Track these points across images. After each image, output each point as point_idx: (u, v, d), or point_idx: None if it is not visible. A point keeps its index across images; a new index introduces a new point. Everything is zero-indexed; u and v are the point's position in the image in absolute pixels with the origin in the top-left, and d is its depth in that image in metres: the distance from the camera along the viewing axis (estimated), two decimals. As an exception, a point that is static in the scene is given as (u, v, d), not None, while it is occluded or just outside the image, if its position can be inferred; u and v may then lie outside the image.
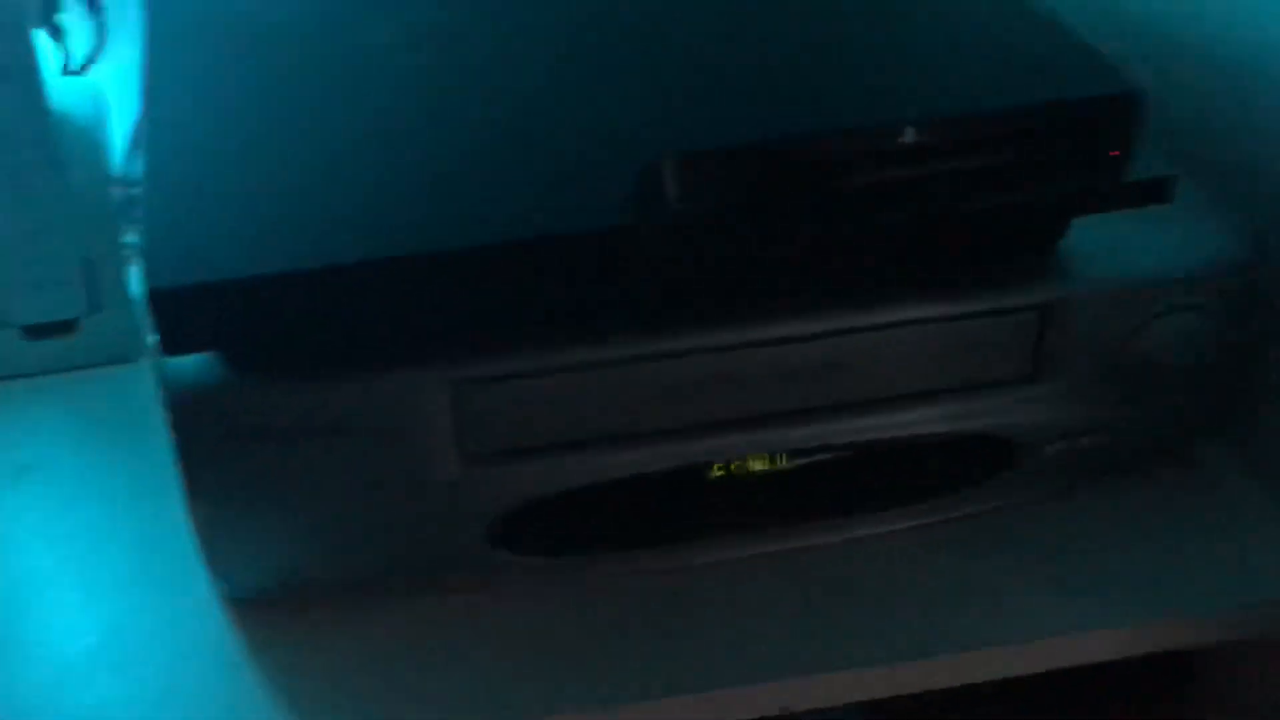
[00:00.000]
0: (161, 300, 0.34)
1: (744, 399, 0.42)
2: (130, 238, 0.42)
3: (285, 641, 0.43)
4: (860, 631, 0.43)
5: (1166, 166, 0.40)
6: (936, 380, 0.44)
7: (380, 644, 0.43)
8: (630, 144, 0.37)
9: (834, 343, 0.42)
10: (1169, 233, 0.45)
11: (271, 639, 0.43)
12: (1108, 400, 0.45)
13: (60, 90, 0.56)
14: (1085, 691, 0.56)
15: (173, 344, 0.36)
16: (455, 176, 0.37)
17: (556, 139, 0.37)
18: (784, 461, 0.45)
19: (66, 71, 0.59)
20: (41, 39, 0.55)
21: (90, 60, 0.59)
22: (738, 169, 0.37)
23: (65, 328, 0.53)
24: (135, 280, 0.36)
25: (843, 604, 0.44)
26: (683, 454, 0.42)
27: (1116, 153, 0.40)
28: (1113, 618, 0.44)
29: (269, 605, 0.44)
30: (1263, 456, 0.49)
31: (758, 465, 0.45)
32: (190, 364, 0.38)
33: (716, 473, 0.45)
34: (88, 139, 0.56)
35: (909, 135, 0.38)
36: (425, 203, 0.37)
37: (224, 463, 0.39)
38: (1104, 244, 0.44)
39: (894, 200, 0.38)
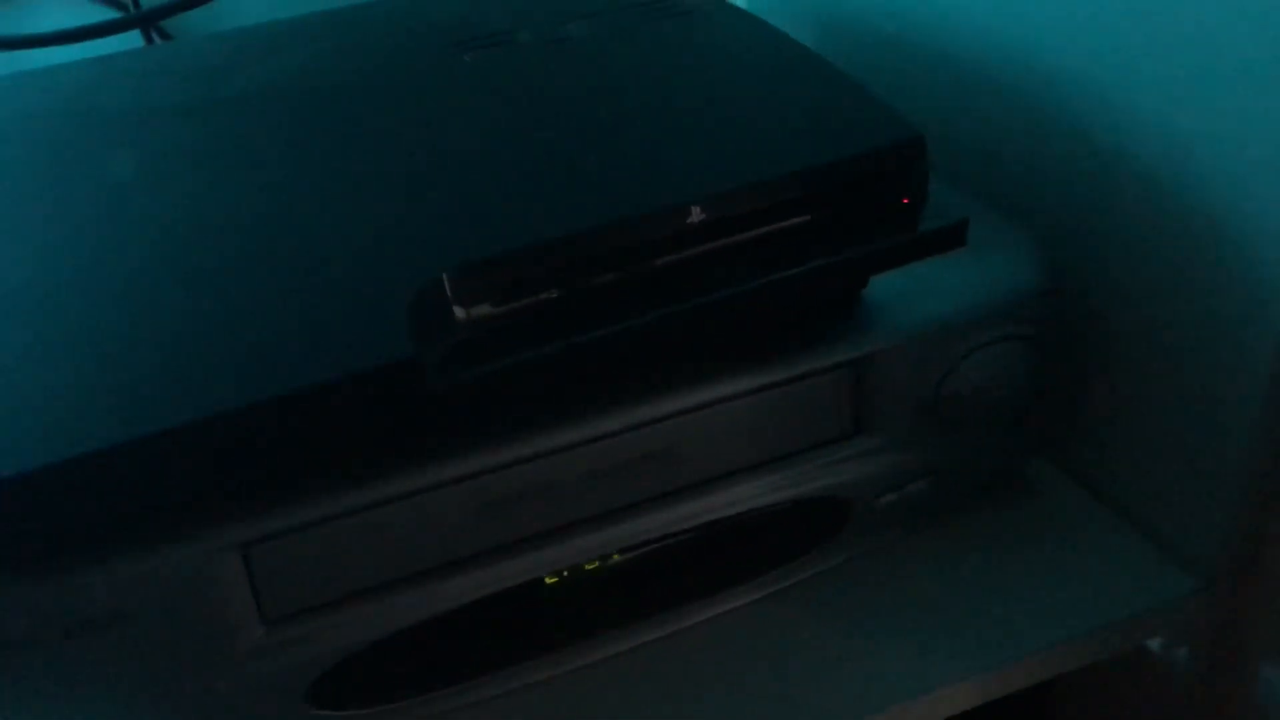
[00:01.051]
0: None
1: (562, 507, 0.40)
2: None
3: None
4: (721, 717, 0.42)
5: (958, 206, 0.39)
6: (762, 451, 0.42)
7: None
8: (400, 264, 0.34)
9: (649, 433, 0.40)
10: (969, 268, 0.44)
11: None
12: (932, 444, 0.44)
13: None
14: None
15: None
16: (208, 329, 0.33)
17: (317, 274, 0.34)
18: (619, 556, 0.43)
19: None
20: None
21: None
22: (517, 273, 0.34)
23: None
24: None
25: (697, 691, 0.42)
26: (502, 576, 0.39)
27: (906, 200, 0.39)
28: (975, 665, 0.43)
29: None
30: (1083, 462, 0.49)
31: (591, 565, 0.43)
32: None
33: (550, 580, 0.42)
34: None
35: (691, 216, 0.36)
36: (180, 362, 0.33)
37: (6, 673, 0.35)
38: (906, 288, 0.43)
39: (686, 282, 0.37)
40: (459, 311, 0.33)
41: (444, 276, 0.33)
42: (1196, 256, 0.42)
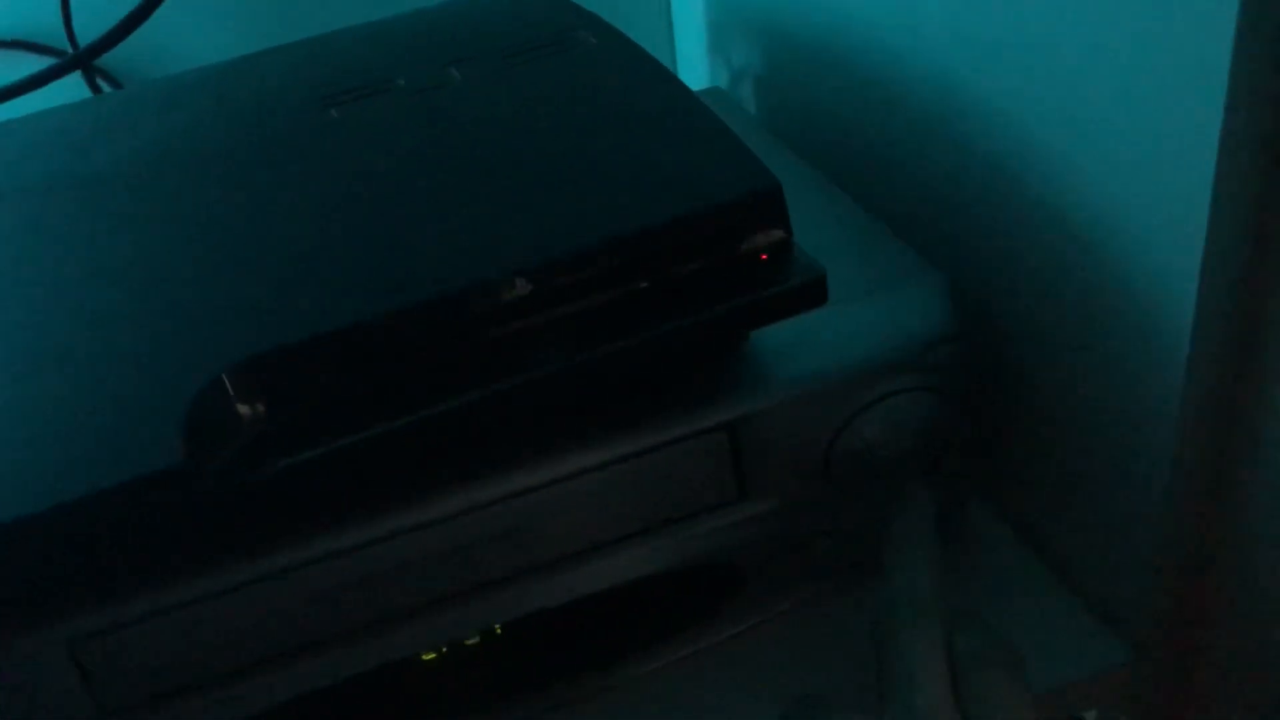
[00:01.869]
0: None
1: (395, 592, 0.38)
2: None
3: None
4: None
5: (855, 245, 0.36)
6: (636, 521, 0.40)
7: None
8: (189, 358, 0.33)
9: (508, 506, 0.38)
10: (864, 312, 0.41)
11: None
12: (829, 503, 0.42)
13: None
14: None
15: None
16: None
17: (106, 369, 0.33)
18: (498, 630, 0.41)
19: None
20: None
21: None
22: (312, 362, 0.33)
23: None
24: None
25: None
26: (347, 663, 0.38)
27: (764, 256, 0.37)
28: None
29: None
30: (1018, 512, 0.46)
31: (472, 641, 0.41)
32: None
33: (427, 657, 0.41)
34: None
35: (516, 288, 0.34)
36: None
37: None
38: (792, 339, 0.40)
39: (513, 358, 0.35)
40: (244, 409, 0.32)
41: (223, 375, 0.31)
42: (1104, 307, 0.38)
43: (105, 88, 0.66)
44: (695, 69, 0.72)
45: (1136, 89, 0.34)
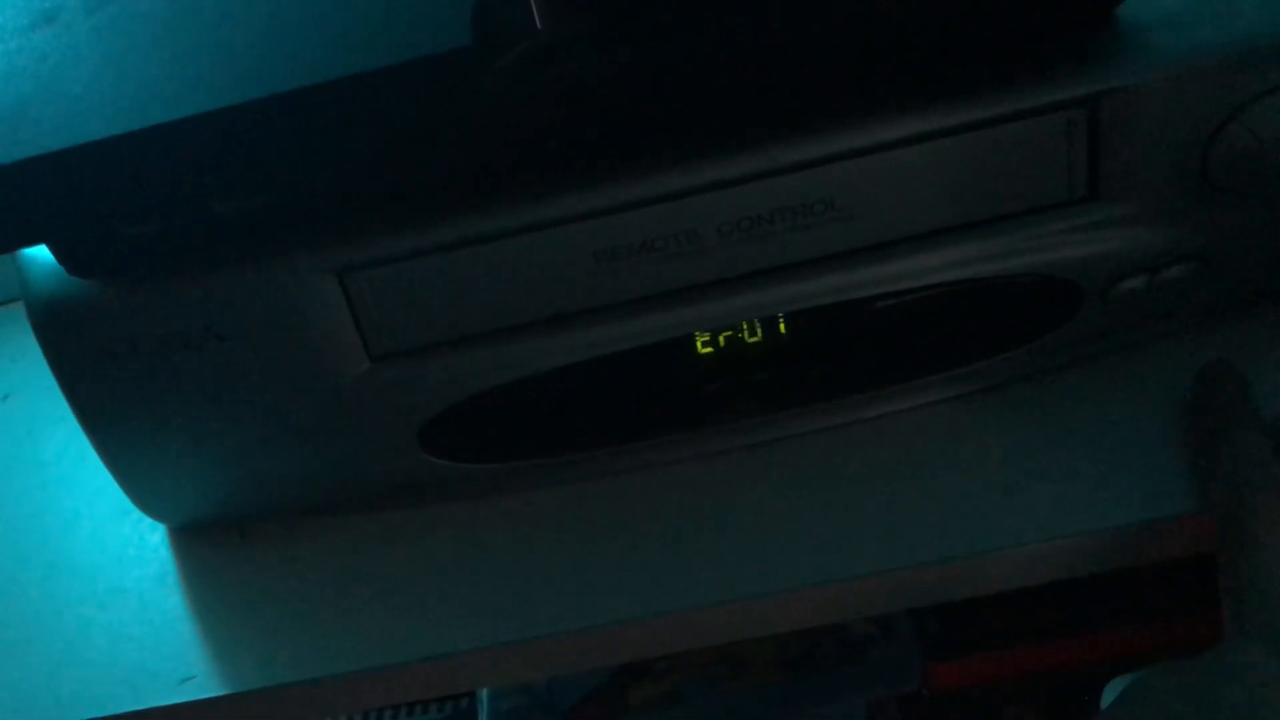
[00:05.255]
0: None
1: (692, 262, 0.34)
2: None
3: (215, 568, 0.38)
4: (898, 528, 0.35)
5: None
6: (964, 210, 0.34)
7: (318, 569, 0.38)
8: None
9: (821, 174, 0.33)
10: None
11: (208, 564, 0.38)
12: (1194, 219, 0.35)
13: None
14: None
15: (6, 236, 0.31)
16: (281, 21, 0.30)
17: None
18: (784, 329, 0.37)
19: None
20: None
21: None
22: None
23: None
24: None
25: (871, 495, 0.36)
26: (625, 335, 0.34)
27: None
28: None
29: (210, 531, 0.39)
30: None
31: (754, 339, 0.37)
32: (51, 278, 0.33)
33: (704, 350, 0.37)
34: None
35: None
36: (271, 43, 0.30)
37: (104, 383, 0.34)
38: (1181, 8, 0.33)
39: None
40: (540, 10, 0.28)
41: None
42: None
43: None
44: None
45: None
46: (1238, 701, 0.26)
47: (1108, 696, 0.40)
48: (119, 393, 0.34)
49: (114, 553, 0.40)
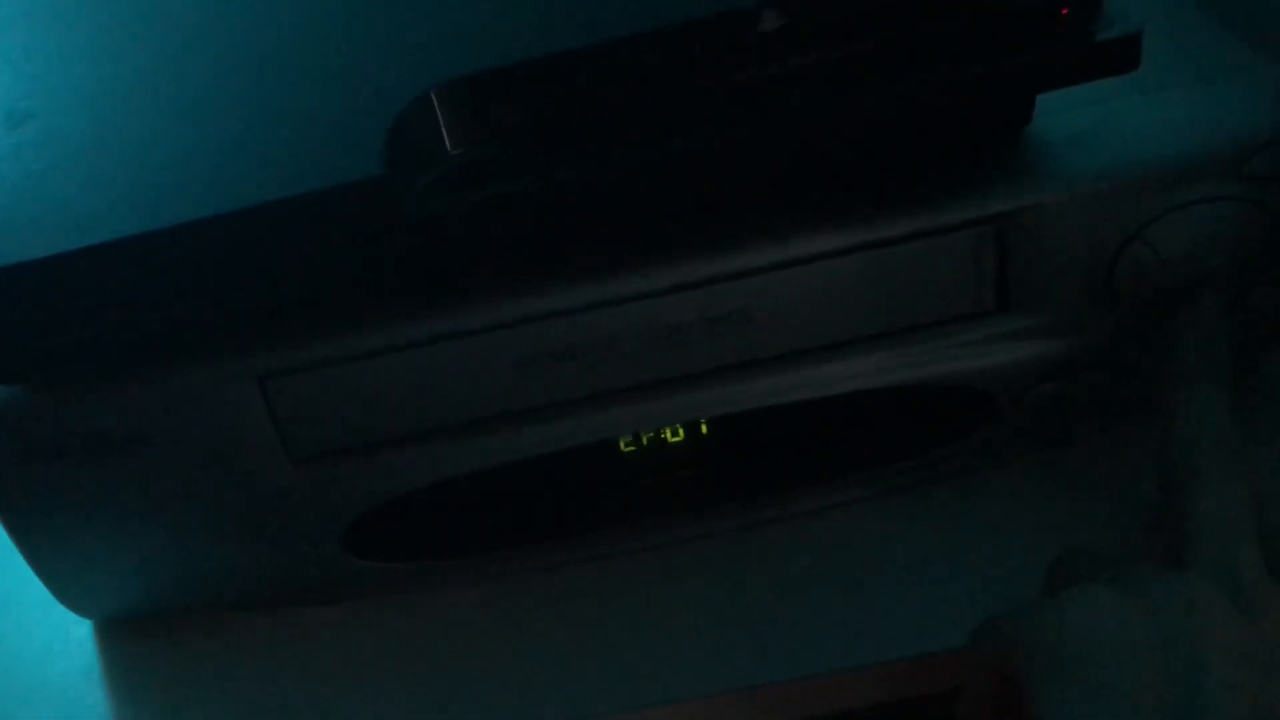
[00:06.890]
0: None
1: (627, 366, 0.34)
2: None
3: (141, 663, 0.38)
4: (815, 631, 0.36)
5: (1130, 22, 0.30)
6: (876, 322, 0.35)
7: (238, 665, 0.38)
8: (397, 78, 0.29)
9: (736, 287, 0.34)
10: (1178, 105, 0.35)
11: (134, 659, 0.38)
12: (1103, 329, 0.36)
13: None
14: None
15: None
16: (204, 146, 0.30)
17: (305, 89, 0.30)
18: (705, 430, 0.37)
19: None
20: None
21: None
22: (527, 88, 0.29)
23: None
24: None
25: (792, 596, 0.37)
26: (542, 439, 0.35)
27: (1065, 10, 0.31)
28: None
29: (137, 624, 0.39)
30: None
31: (675, 439, 0.38)
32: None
33: (626, 448, 0.38)
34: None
35: (769, 21, 0.29)
36: (170, 172, 0.30)
37: (28, 484, 0.34)
38: (1085, 129, 0.34)
39: (792, 96, 0.30)
40: (450, 131, 0.29)
41: (431, 93, 0.28)
42: None
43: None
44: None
45: None
46: (1189, 632, 0.27)
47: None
48: (43, 494, 0.35)
49: (39, 645, 0.40)
